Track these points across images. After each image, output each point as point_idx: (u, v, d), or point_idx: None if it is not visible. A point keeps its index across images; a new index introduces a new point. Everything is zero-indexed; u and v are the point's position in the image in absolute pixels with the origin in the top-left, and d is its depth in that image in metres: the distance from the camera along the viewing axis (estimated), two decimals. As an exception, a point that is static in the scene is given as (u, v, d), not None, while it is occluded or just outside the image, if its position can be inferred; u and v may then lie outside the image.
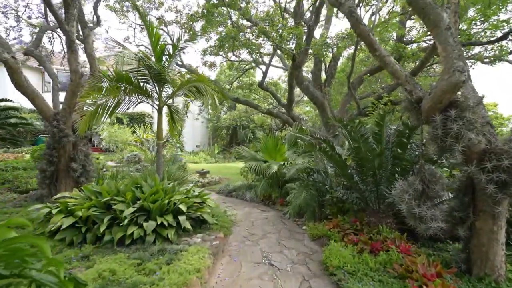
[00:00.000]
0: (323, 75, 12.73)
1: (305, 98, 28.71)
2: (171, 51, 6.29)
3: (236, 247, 4.62)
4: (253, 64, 14.81)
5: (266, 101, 17.89)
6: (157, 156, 6.36)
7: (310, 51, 10.68)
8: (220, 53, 15.92)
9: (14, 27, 10.65)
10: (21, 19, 10.45)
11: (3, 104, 8.84)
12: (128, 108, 6.10)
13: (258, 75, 17.85)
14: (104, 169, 11.63)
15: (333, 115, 11.22)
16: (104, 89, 5.37)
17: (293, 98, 9.77)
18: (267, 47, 14.21)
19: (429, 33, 8.06)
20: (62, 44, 10.43)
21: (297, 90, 24.45)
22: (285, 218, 6.33)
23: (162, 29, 13.06)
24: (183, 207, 4.55)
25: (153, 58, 6.12)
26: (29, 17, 11.26)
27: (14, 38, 12.00)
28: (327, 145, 4.59)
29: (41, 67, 13.17)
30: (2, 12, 10.66)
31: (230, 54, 16.06)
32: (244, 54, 15.94)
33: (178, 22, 12.96)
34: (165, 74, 5.92)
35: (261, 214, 6.75)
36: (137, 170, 13.41)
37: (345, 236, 4.51)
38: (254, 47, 8.30)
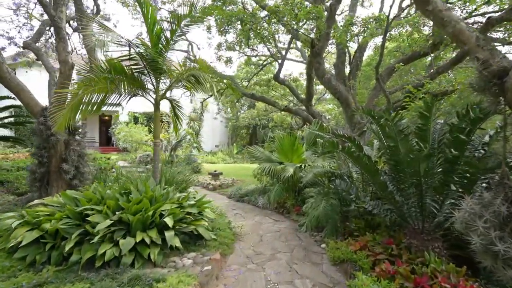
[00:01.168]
0: (347, 70, 11.54)
1: (328, 96, 27.29)
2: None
3: (235, 273, 3.67)
4: (270, 60, 13.85)
5: (286, 98, 16.84)
6: (154, 158, 5.57)
7: (331, 40, 9.58)
8: (236, 47, 15.16)
9: (25, 24, 10.37)
10: (31, 16, 10.15)
11: (8, 102, 8.55)
12: (119, 103, 5.34)
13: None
14: (113, 170, 11.16)
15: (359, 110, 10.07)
16: (93, 82, 4.64)
17: (312, 92, 8.69)
18: (283, 38, 13.19)
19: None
20: (70, 39, 9.99)
21: (319, 88, 23.17)
22: (300, 231, 5.32)
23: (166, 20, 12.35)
24: (169, 221, 3.68)
25: (149, 45, 5.35)
26: (42, 15, 11.01)
27: (27, 37, 11.80)
28: (352, 145, 3.54)
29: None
30: (14, 10, 10.42)
31: (246, 50, 15.26)
32: (261, 48, 15.06)
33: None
34: (161, 63, 5.10)
35: (272, 225, 5.77)
36: (148, 171, 12.90)
37: (377, 263, 3.43)
38: (266, 33, 7.32)
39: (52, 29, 8.54)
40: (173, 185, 6.20)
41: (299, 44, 14.68)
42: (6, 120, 8.50)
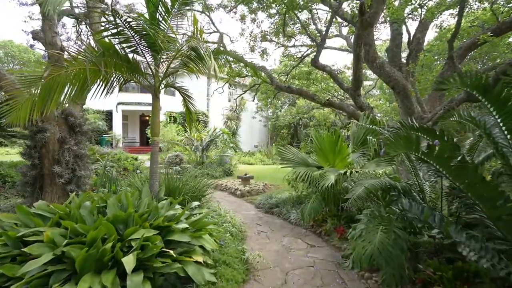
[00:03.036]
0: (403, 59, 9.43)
1: (377, 92, 24.45)
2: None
3: None
4: (311, 50, 12.14)
5: (329, 94, 14.94)
6: (151, 161, 4.37)
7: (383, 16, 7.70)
8: (272, 38, 13.73)
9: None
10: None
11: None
12: (107, 91, 4.23)
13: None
14: (138, 171, 10.46)
15: (419, 103, 7.98)
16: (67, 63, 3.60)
17: (360, 77, 6.88)
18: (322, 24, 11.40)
19: None
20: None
21: (366, 83, 20.69)
22: (345, 268, 3.70)
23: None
24: (129, 262, 2.36)
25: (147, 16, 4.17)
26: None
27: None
28: (445, 144, 1.89)
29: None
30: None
31: (282, 40, 13.77)
32: (300, 40, 13.44)
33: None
34: (155, 36, 3.87)
35: (305, 254, 4.21)
36: (177, 173, 12.06)
37: None
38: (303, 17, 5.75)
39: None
40: (180, 194, 4.99)
41: (344, 31, 12.79)
42: None
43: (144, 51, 4.20)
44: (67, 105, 5.74)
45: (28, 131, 4.84)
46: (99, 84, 4.03)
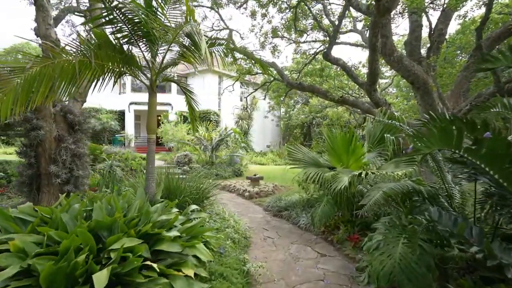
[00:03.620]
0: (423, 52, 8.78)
1: (393, 90, 23.48)
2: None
3: None
4: (324, 47, 11.62)
5: (343, 91, 14.33)
6: (147, 160, 4.06)
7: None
8: (284, 34, 13.30)
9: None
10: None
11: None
12: (101, 85, 3.92)
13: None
14: (145, 171, 10.25)
15: (441, 99, 7.37)
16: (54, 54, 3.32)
17: (377, 70, 6.33)
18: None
19: None
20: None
21: (382, 81, 19.85)
22: (359, 284, 3.25)
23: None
24: (102, 278, 2.01)
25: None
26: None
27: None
28: (498, 139, 1.43)
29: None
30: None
31: (294, 35, 13.30)
32: (310, 33, 12.93)
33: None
34: (152, 24, 3.53)
35: (315, 265, 3.78)
36: (184, 173, 11.81)
37: None
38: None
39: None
40: (181, 196, 4.65)
41: (359, 26, 12.19)
42: None
43: (139, 41, 3.88)
44: (66, 101, 5.55)
45: (22, 128, 4.62)
46: (92, 78, 3.73)
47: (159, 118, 24.54)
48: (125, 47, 3.90)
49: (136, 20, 3.59)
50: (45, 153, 4.85)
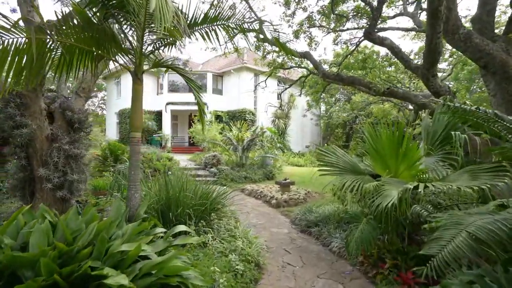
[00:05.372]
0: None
1: (449, 84, 20.49)
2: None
3: None
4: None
5: (391, 84, 12.53)
6: (129, 163, 3.23)
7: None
8: (322, 23, 12.02)
9: None
10: None
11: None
12: (75, 73, 3.19)
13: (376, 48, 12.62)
14: (169, 172, 9.72)
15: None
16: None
17: (438, 47, 4.75)
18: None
19: None
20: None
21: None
22: None
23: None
24: None
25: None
26: None
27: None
28: None
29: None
30: None
31: (333, 23, 11.92)
32: (351, 22, 11.46)
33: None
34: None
35: (347, 320, 2.63)
36: (213, 175, 11.11)
37: None
38: None
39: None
40: (180, 208, 3.78)
41: (410, 9, 10.42)
42: None
43: (118, 17, 3.07)
44: (70, 97, 5.04)
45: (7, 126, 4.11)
46: (60, 64, 3.01)
47: (193, 117, 24.47)
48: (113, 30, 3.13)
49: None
50: (37, 154, 4.32)
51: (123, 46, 3.20)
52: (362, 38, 10.88)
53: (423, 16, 9.03)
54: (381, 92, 7.62)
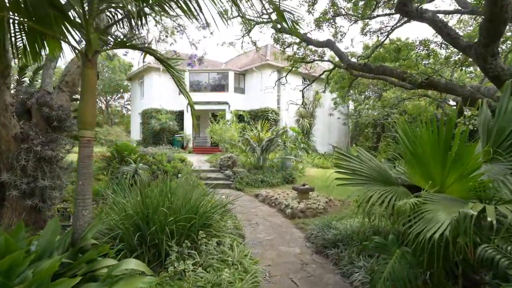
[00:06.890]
0: None
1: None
2: None
3: None
4: (397, 24, 8.74)
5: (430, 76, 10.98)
6: (78, 170, 2.48)
7: None
8: (349, 11, 10.84)
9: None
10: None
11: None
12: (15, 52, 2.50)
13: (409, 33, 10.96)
14: (180, 175, 9.09)
15: None
16: None
17: (505, 14, 3.52)
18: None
19: None
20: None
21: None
22: None
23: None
24: None
25: None
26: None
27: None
28: None
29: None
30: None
31: (360, 10, 10.64)
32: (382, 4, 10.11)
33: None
34: None
35: None
36: (227, 178, 10.34)
37: None
38: None
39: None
40: (154, 226, 2.99)
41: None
42: None
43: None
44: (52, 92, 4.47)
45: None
46: None
47: (211, 117, 23.91)
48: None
49: None
50: (2, 156, 3.76)
51: (70, 17, 2.46)
52: (395, 24, 9.57)
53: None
54: (418, 83, 6.38)
